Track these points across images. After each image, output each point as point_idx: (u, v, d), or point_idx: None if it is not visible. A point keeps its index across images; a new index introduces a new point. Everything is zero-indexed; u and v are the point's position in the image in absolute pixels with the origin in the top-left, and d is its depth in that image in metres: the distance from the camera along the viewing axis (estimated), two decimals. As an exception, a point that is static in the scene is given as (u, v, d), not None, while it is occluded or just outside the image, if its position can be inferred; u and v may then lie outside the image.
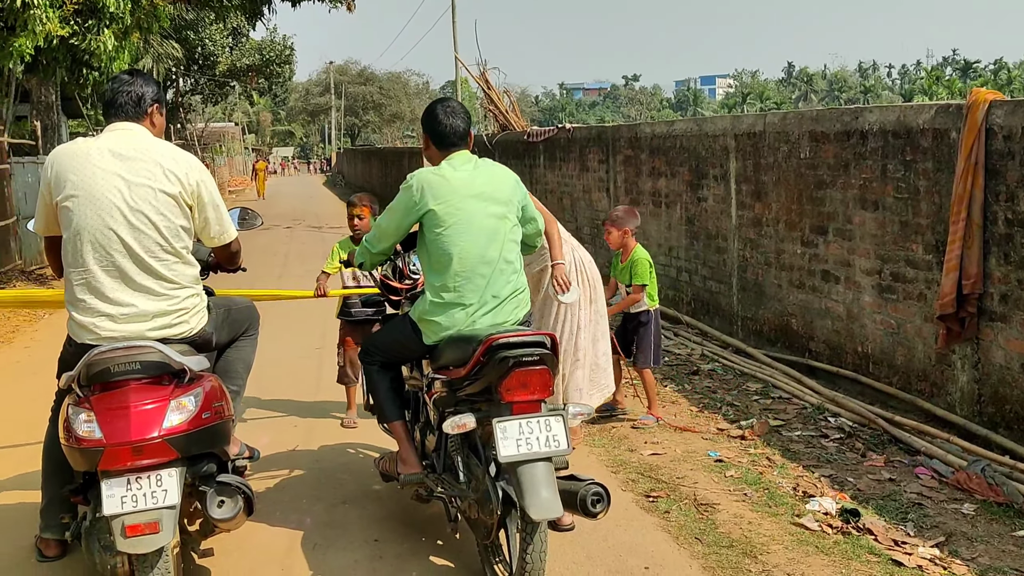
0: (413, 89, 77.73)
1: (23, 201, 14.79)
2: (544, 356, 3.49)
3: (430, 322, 3.82)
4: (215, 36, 35.58)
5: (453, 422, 3.53)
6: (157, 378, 3.42)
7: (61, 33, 10.85)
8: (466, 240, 3.77)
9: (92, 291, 3.49)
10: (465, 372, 3.59)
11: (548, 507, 3.31)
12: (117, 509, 3.17)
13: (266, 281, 12.55)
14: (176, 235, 3.57)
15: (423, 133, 4.05)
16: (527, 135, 13.67)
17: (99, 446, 3.22)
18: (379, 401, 4.17)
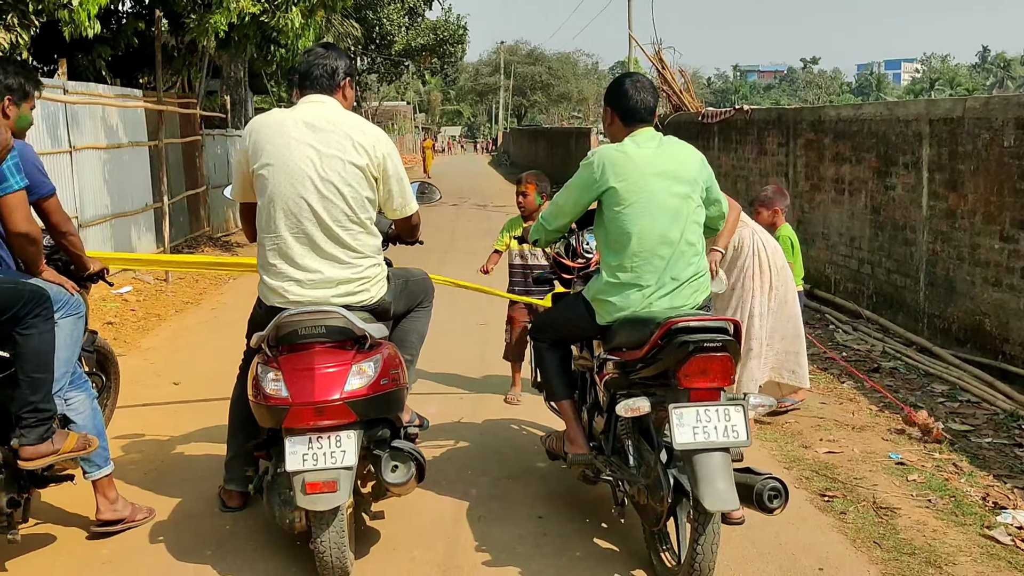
0: (582, 69, 77.49)
1: (213, 171, 15.70)
2: (727, 343, 3.34)
3: (605, 302, 3.74)
4: (392, 16, 36.45)
5: (626, 405, 3.44)
6: (340, 343, 3.53)
7: (252, 10, 11.35)
8: (646, 219, 3.65)
9: (282, 256, 3.64)
10: (641, 355, 3.49)
11: (723, 498, 3.21)
12: (299, 466, 3.31)
13: (433, 255, 12.82)
14: (362, 206, 3.67)
15: (607, 108, 3.92)
16: (702, 116, 13.34)
17: (285, 404, 3.38)
18: (548, 379, 4.13)
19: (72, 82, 10.30)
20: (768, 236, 5.31)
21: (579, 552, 3.85)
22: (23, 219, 3.46)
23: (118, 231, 11.05)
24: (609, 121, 3.92)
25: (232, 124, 18.73)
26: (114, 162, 11.07)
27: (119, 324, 8.43)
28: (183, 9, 11.36)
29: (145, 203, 12.08)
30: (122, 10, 13.66)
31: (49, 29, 9.91)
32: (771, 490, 3.30)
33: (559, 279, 4.68)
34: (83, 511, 4.14)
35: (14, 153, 3.42)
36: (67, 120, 9.74)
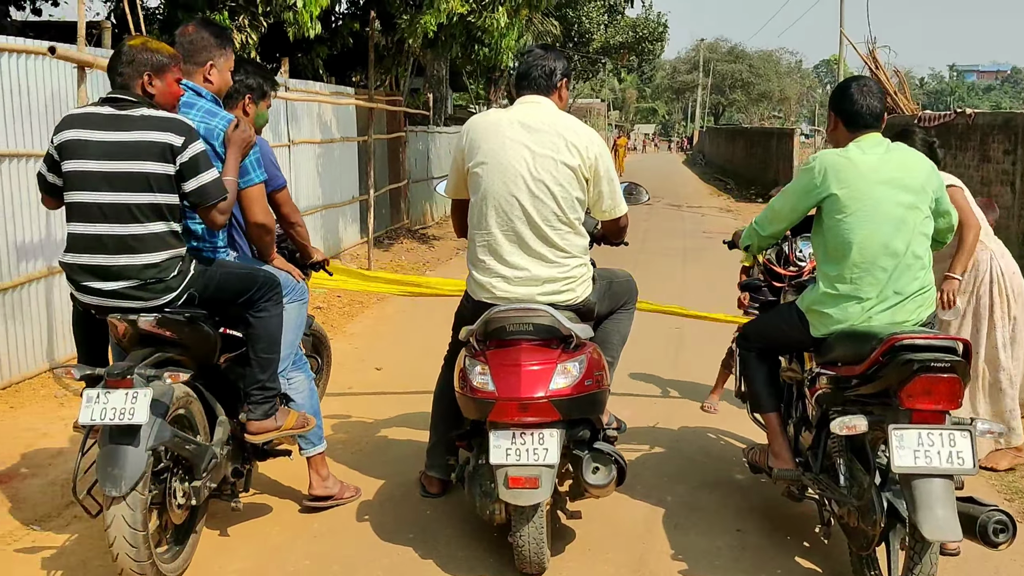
0: (784, 68, 74.97)
1: (414, 166, 16.29)
2: (955, 364, 3.15)
3: (820, 313, 3.61)
4: (592, 14, 36.53)
5: (842, 422, 3.28)
6: (547, 341, 3.59)
7: (461, 11, 11.68)
8: (869, 229, 3.48)
9: (492, 253, 3.73)
10: (859, 371, 3.34)
11: (944, 528, 3.03)
12: (502, 460, 3.38)
13: (625, 253, 12.76)
14: (571, 206, 3.70)
15: (831, 112, 3.76)
16: (918, 119, 12.57)
17: (491, 398, 3.46)
18: (754, 390, 4.02)
19: (293, 80, 10.95)
20: (1009, 260, 4.82)
21: (779, 570, 3.72)
22: (262, 210, 3.72)
23: (327, 221, 11.65)
24: (832, 126, 3.76)
25: (433, 121, 19.36)
26: (326, 156, 11.68)
27: (326, 309, 8.90)
28: (396, 10, 11.84)
29: (352, 195, 12.68)
30: (339, 11, 14.39)
31: (274, 30, 10.57)
32: (997, 523, 3.08)
33: (769, 287, 4.54)
34: (295, 485, 4.39)
35: (256, 148, 3.67)
36: (287, 116, 10.37)
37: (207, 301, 3.49)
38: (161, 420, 3.23)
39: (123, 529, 3.14)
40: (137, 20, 7.78)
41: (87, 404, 3.16)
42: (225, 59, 3.78)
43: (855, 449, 3.49)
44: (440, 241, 14.94)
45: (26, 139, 6.03)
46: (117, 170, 3.25)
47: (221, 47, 3.76)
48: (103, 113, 3.31)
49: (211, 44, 3.73)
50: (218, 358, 3.68)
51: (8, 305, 5.92)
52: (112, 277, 3.29)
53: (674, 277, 11.10)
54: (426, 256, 13.37)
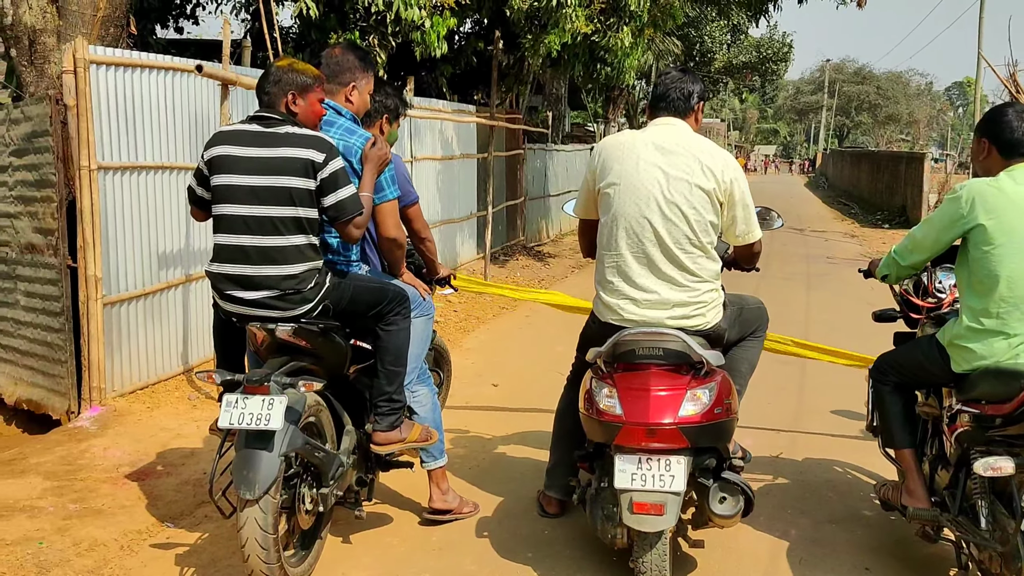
0: (914, 90, 72.46)
1: (531, 183, 16.39)
2: None
3: (963, 348, 3.45)
4: (714, 33, 36.18)
5: (987, 463, 3.15)
6: (677, 366, 3.53)
7: (585, 30, 11.70)
8: (1019, 262, 3.32)
9: (621, 274, 3.68)
10: (1007, 410, 3.21)
11: None
12: (627, 484, 3.33)
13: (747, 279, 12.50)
14: (704, 230, 3.63)
15: (983, 139, 3.58)
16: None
17: (618, 422, 3.41)
18: (888, 424, 3.86)
19: (417, 97, 11.18)
20: None
21: (911, 614, 3.56)
22: (394, 225, 3.81)
23: (445, 236, 11.83)
24: (985, 154, 3.57)
25: (551, 139, 19.47)
26: (446, 172, 11.88)
27: (443, 323, 9.02)
28: (520, 29, 11.94)
29: (470, 211, 12.86)
30: (463, 31, 14.64)
31: (401, 49, 10.82)
32: None
33: (905, 318, 4.36)
34: (416, 497, 4.46)
35: (391, 165, 3.77)
36: (411, 132, 10.60)
37: (340, 313, 3.59)
38: (294, 427, 3.34)
39: (255, 531, 3.24)
40: (274, 40, 8.11)
41: (226, 408, 3.28)
42: (367, 81, 3.92)
43: (998, 492, 3.34)
44: (555, 259, 14.98)
45: (171, 153, 6.34)
46: (262, 184, 3.39)
47: (364, 70, 3.90)
48: (251, 130, 3.46)
49: (355, 67, 3.87)
50: (348, 369, 3.79)
51: (148, 310, 6.22)
52: (254, 287, 3.42)
53: (798, 303, 10.82)
54: (541, 273, 13.42)
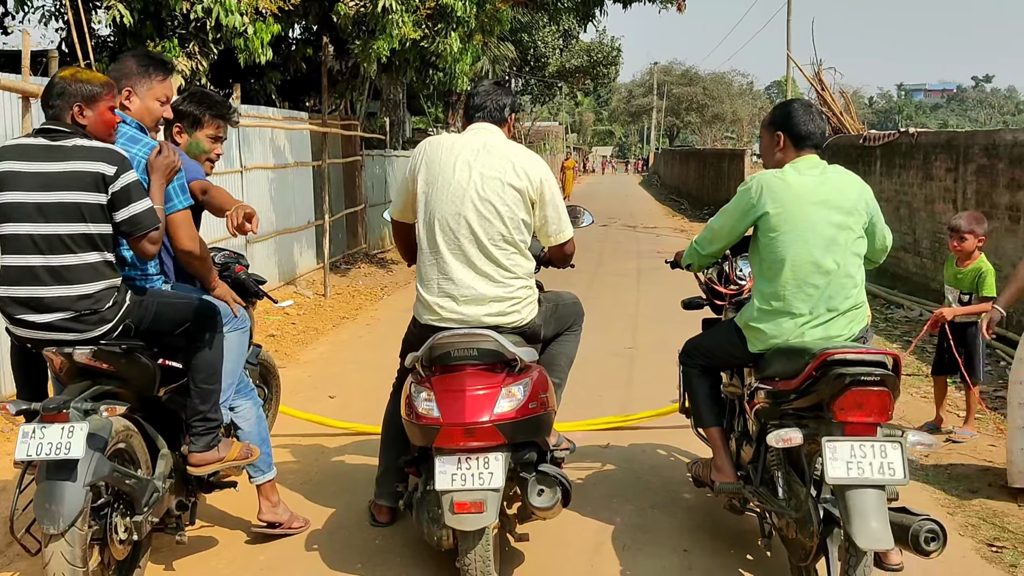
0: (736, 90, 76.07)
1: (371, 190, 16.27)
2: (885, 377, 3.24)
3: (756, 329, 3.71)
4: (547, 39, 36.89)
5: (778, 435, 3.36)
6: (491, 365, 3.63)
7: (413, 36, 11.70)
8: (800, 247, 3.60)
9: (440, 271, 3.78)
10: (794, 385, 3.45)
11: (877, 537, 3.11)
12: (447, 485, 3.38)
13: (581, 275, 12.86)
14: (517, 227, 3.78)
15: (777, 132, 3.84)
16: (863, 139, 12.85)
17: (437, 424, 3.47)
18: (697, 405, 4.10)
19: (245, 105, 10.90)
20: None
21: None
22: (188, 237, 3.59)
23: (282, 247, 11.59)
24: (779, 145, 3.83)
25: (390, 145, 19.37)
26: (280, 181, 11.64)
27: (280, 337, 8.84)
28: (348, 35, 11.83)
29: (307, 220, 12.63)
30: (291, 37, 14.38)
31: (226, 56, 10.53)
32: (928, 532, 3.16)
33: (711, 305, 4.63)
34: (244, 516, 4.35)
35: (180, 174, 3.59)
36: (239, 142, 10.32)
37: (144, 332, 3.44)
38: (99, 454, 3.19)
39: (62, 566, 3.08)
40: (86, 49, 7.72)
41: (23, 440, 3.10)
42: (149, 87, 3.70)
43: (793, 462, 3.57)
44: (398, 265, 14.92)
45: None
46: (49, 201, 3.21)
47: (143, 75, 3.68)
48: (37, 144, 3.28)
49: (132, 72, 3.67)
50: (158, 390, 3.64)
51: (-51, 339, 5.80)
52: (46, 309, 3.24)
53: (629, 298, 11.19)
54: (384, 280, 13.35)
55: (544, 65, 38.35)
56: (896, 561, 3.70)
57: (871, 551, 3.18)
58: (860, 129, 14.30)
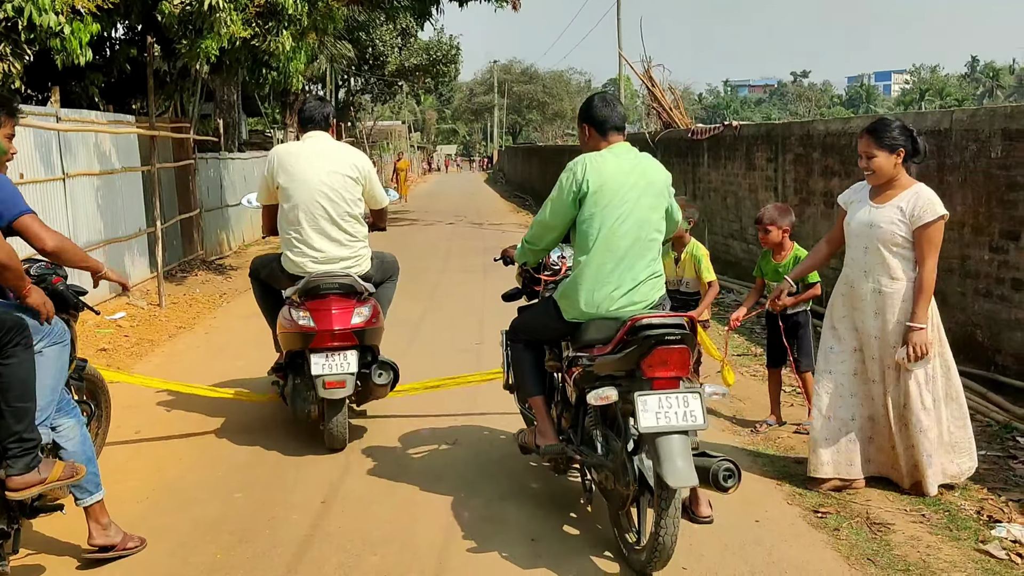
0: (575, 87, 77.78)
1: (206, 194, 15.71)
2: (684, 336, 3.70)
3: (570, 299, 4.04)
4: (385, 37, 36.59)
5: (596, 394, 3.74)
6: (347, 294, 5.35)
7: (243, 35, 11.37)
8: (613, 223, 3.96)
9: (303, 242, 5.44)
10: (608, 350, 3.83)
11: (684, 476, 3.51)
12: (321, 372, 5.18)
13: (430, 275, 12.87)
14: (355, 204, 5.54)
15: (583, 124, 4.22)
16: (691, 132, 13.40)
17: (312, 331, 5.22)
18: (522, 377, 4.43)
19: (65, 109, 10.32)
20: None
21: (573, 572, 3.84)
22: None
23: (112, 256, 11.03)
24: (589, 136, 4.21)
25: (225, 147, 18.75)
26: (107, 188, 11.08)
27: (112, 351, 8.42)
28: (174, 35, 11.39)
29: (139, 228, 12.09)
30: (114, 37, 13.71)
31: (42, 58, 9.95)
32: (725, 470, 3.62)
33: (528, 294, 4.95)
34: (74, 540, 4.12)
35: None
36: (60, 147, 9.76)
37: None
38: (-97, 485, 2.96)
39: None
40: None
41: None
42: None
43: (609, 421, 3.98)
44: (238, 271, 14.49)
45: None
46: None
47: None
48: None
49: None
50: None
51: None
52: None
53: (476, 294, 11.25)
54: (223, 287, 12.91)
55: (383, 64, 38.03)
56: (706, 514, 4.16)
57: (680, 492, 3.58)
58: (689, 123, 14.89)
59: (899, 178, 4.50)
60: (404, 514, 4.46)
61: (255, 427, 5.93)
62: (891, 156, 4.44)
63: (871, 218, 4.52)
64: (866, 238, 4.53)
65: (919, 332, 4.37)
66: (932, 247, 4.39)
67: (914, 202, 4.40)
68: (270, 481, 4.97)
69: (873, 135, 4.51)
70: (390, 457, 5.33)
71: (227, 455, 5.43)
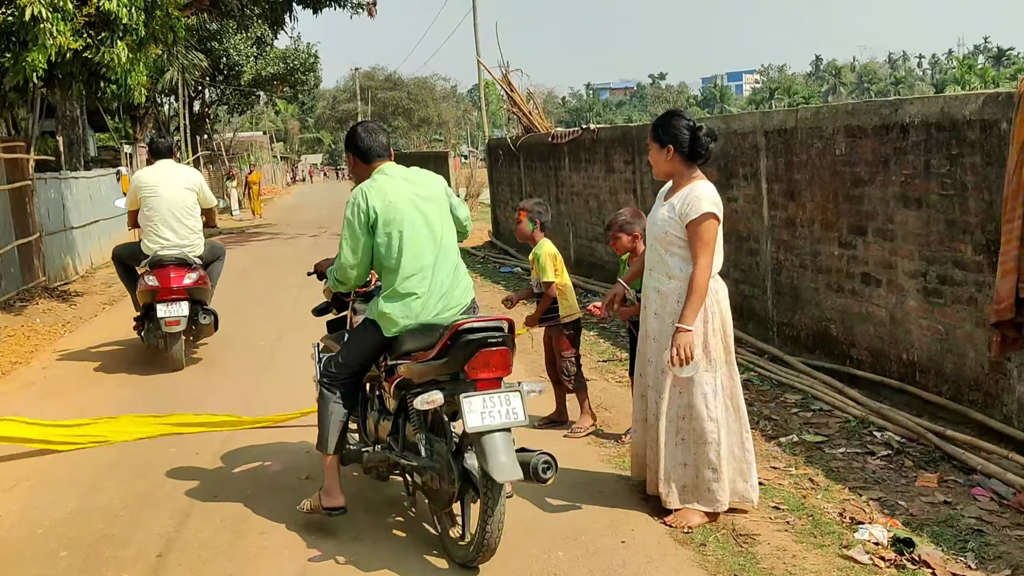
0: (440, 93, 77.55)
1: (47, 217, 14.70)
2: (504, 338, 3.89)
3: (388, 316, 4.17)
4: (239, 46, 35.57)
5: (423, 399, 3.87)
6: (181, 265, 7.99)
7: (74, 46, 10.61)
8: (409, 235, 4.16)
9: (156, 233, 8.04)
10: (432, 356, 3.96)
11: (508, 470, 3.69)
12: (163, 315, 7.78)
13: (289, 291, 12.35)
14: (194, 205, 8.25)
15: (349, 153, 4.47)
16: (552, 137, 13.35)
17: (157, 288, 7.84)
18: (326, 429, 4.35)
19: None
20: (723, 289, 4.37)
21: None
22: None
23: (-66, 290, 10.13)
24: (354, 164, 4.44)
25: (69, 165, 17.70)
26: (-74, 215, 10.16)
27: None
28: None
29: (-34, 257, 11.16)
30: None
31: None
32: (544, 463, 3.79)
33: (337, 306, 5.01)
34: None
35: None
36: None
37: None
38: None
39: None
40: None
41: None
42: None
43: (431, 424, 4.14)
44: (84, 297, 13.62)
45: None
46: None
47: None
48: None
49: None
50: None
51: None
52: None
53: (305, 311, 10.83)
54: (67, 315, 12.06)
55: (239, 74, 36.98)
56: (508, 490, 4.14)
57: (505, 487, 3.77)
58: (549, 128, 14.88)
59: (683, 175, 4.34)
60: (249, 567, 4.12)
61: (84, 477, 5.42)
62: (661, 150, 4.32)
63: (653, 215, 4.43)
64: (650, 236, 4.45)
65: (684, 334, 4.12)
66: (702, 245, 4.16)
67: (684, 199, 4.23)
68: (99, 536, 4.52)
69: (651, 128, 4.44)
70: (237, 495, 4.95)
71: (52, 508, 4.93)
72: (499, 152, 17.11)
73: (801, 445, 5.35)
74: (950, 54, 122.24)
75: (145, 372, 8.07)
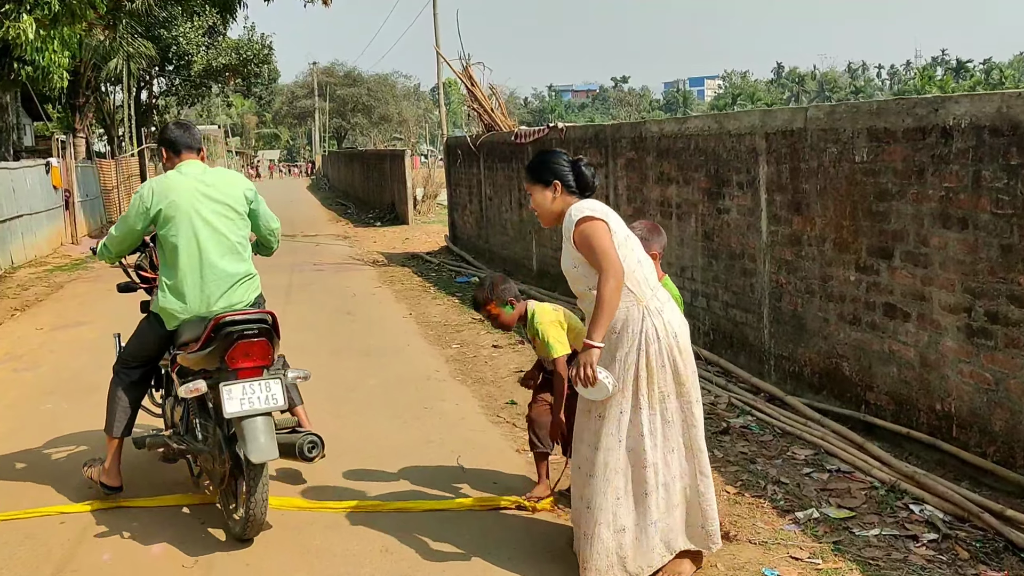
0: (401, 91, 76.03)
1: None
2: (263, 330, 4.15)
3: (167, 311, 4.43)
4: (189, 35, 33.97)
5: (187, 387, 4.14)
6: None
7: (-25, 21, 9.37)
8: (190, 234, 4.38)
9: None
10: (198, 347, 4.19)
11: (265, 451, 3.96)
12: None
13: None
14: None
15: (160, 147, 4.71)
16: (515, 136, 12.22)
17: None
18: (113, 413, 4.64)
19: None
20: (676, 316, 3.76)
21: None
22: None
23: None
24: (165, 158, 4.66)
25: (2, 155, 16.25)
26: None
27: None
28: None
29: None
30: None
31: None
32: (309, 443, 4.23)
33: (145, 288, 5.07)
34: None
35: None
36: None
37: None
38: None
39: None
40: None
41: None
42: None
43: (204, 409, 4.39)
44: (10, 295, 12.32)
45: None
46: None
47: None
48: None
49: None
50: None
51: None
52: None
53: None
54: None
55: (189, 63, 35.34)
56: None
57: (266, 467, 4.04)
58: (512, 126, 13.75)
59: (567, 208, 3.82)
60: None
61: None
62: (546, 190, 3.87)
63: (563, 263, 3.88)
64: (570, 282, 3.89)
65: (587, 351, 3.52)
66: (593, 252, 3.59)
67: (565, 225, 3.77)
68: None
69: (528, 172, 3.97)
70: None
71: None
72: (458, 152, 15.95)
73: (824, 524, 4.28)
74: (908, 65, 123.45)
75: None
